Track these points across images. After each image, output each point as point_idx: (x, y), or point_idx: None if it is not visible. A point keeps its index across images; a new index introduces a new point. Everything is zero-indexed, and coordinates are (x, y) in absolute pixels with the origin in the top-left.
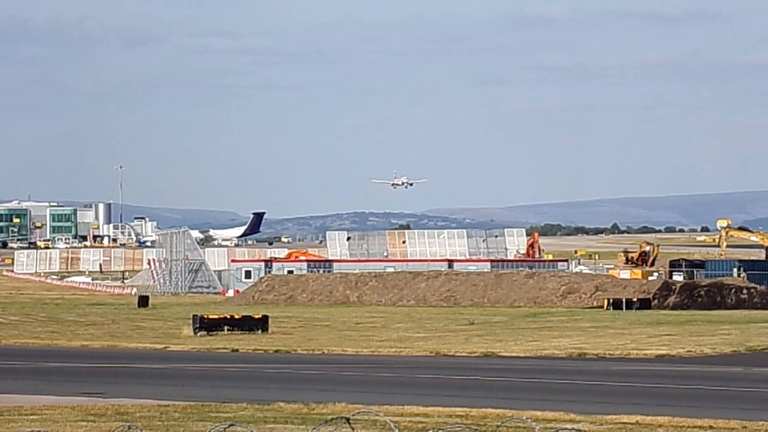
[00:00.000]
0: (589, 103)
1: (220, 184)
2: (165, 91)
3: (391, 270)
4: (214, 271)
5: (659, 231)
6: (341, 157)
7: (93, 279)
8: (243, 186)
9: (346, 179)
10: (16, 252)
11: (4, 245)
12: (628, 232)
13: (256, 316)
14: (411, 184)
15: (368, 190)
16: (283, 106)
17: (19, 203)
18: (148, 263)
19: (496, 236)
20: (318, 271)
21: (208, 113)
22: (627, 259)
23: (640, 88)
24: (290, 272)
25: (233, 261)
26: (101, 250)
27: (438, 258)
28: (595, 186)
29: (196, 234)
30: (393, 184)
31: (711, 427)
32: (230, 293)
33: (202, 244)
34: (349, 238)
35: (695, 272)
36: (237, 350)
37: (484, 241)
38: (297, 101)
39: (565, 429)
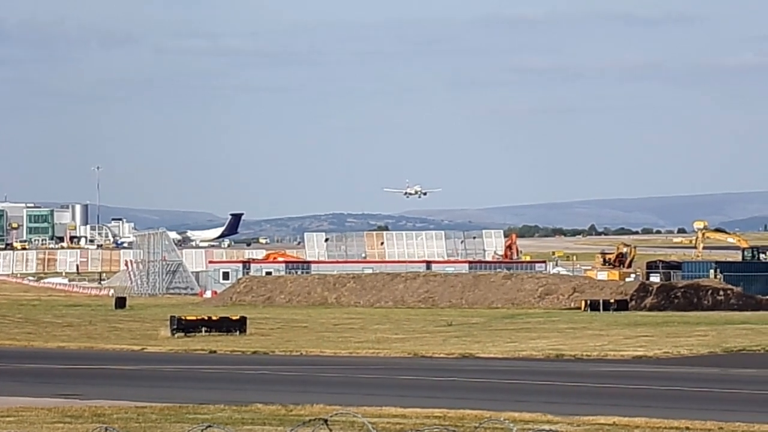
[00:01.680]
0: (568, 104)
1: (197, 185)
2: (143, 92)
3: (370, 271)
4: (192, 272)
5: (636, 232)
6: (319, 158)
7: (70, 280)
8: (221, 187)
9: (324, 180)
10: None
11: None
12: (606, 234)
13: (234, 318)
14: (425, 193)
15: (346, 192)
16: (262, 107)
17: None
18: (126, 264)
19: (474, 238)
20: (296, 272)
21: (186, 114)
22: (604, 261)
23: (618, 90)
24: (268, 273)
25: (211, 262)
26: (78, 251)
27: (416, 259)
28: (573, 188)
29: (173, 235)
30: (406, 193)
31: (688, 428)
32: (208, 294)
33: (180, 245)
34: (327, 240)
35: (672, 273)
36: (215, 351)
37: (462, 242)
38: (276, 102)
39: (543, 430)
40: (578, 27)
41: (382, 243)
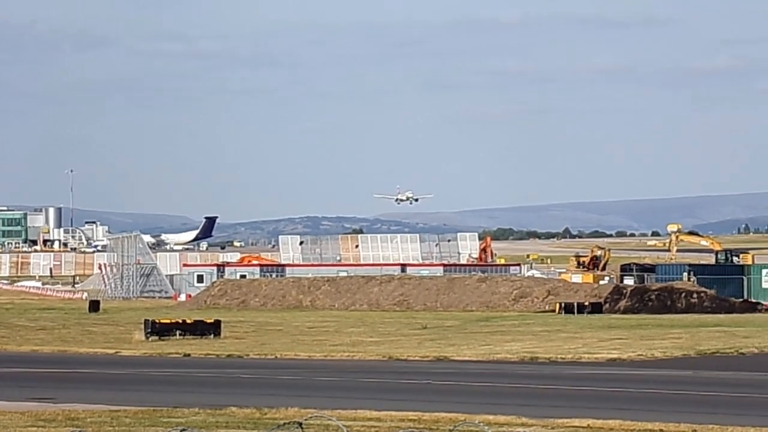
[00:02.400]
0: (541, 107)
1: (172, 189)
2: (117, 95)
3: (344, 274)
4: (166, 275)
5: (610, 235)
6: (294, 161)
7: (43, 283)
8: (195, 190)
9: (299, 183)
10: None
11: None
12: (580, 237)
13: (209, 321)
14: (416, 200)
15: (321, 195)
16: (236, 109)
17: None
18: (99, 268)
19: (449, 240)
20: (271, 275)
21: (160, 117)
22: (579, 264)
23: (591, 93)
24: (243, 277)
25: (185, 265)
26: (52, 254)
27: (391, 262)
28: (547, 191)
29: (147, 238)
30: (397, 200)
31: (662, 431)
32: (182, 298)
33: (154, 249)
34: (301, 243)
35: (646, 276)
36: (189, 355)
37: (436, 245)
38: (250, 105)
39: None
40: (551, 30)
41: (356, 246)
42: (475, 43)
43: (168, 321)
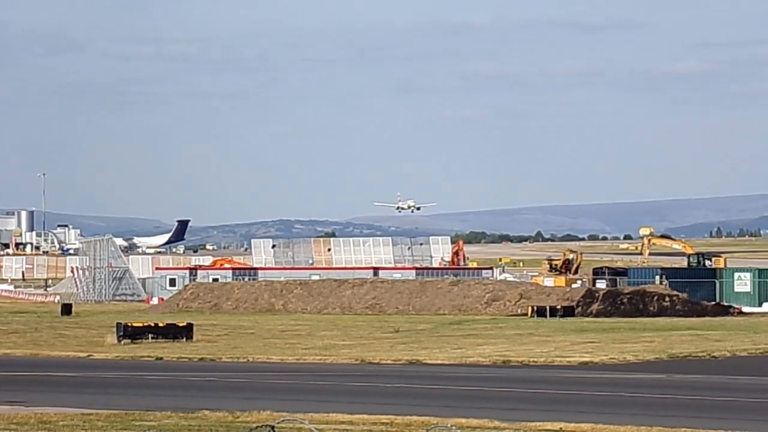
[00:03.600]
0: (514, 111)
1: (144, 192)
2: (89, 98)
3: (317, 278)
4: (138, 278)
5: (582, 239)
6: (266, 164)
7: (15, 287)
8: (167, 193)
9: (271, 187)
10: None
11: None
12: (552, 240)
13: (181, 324)
14: (418, 208)
15: (294, 198)
16: (208, 113)
17: None
18: (72, 271)
19: (421, 244)
20: (243, 278)
21: (132, 120)
22: (551, 267)
23: (563, 97)
24: (215, 280)
25: (157, 269)
26: (24, 257)
27: (363, 266)
28: (520, 194)
29: (119, 242)
30: (398, 208)
31: None
32: (154, 301)
33: (126, 252)
34: (274, 246)
35: (618, 280)
36: (161, 358)
37: (409, 248)
38: (222, 108)
39: None
40: (523, 33)
41: (329, 249)
42: (447, 46)
43: (140, 324)
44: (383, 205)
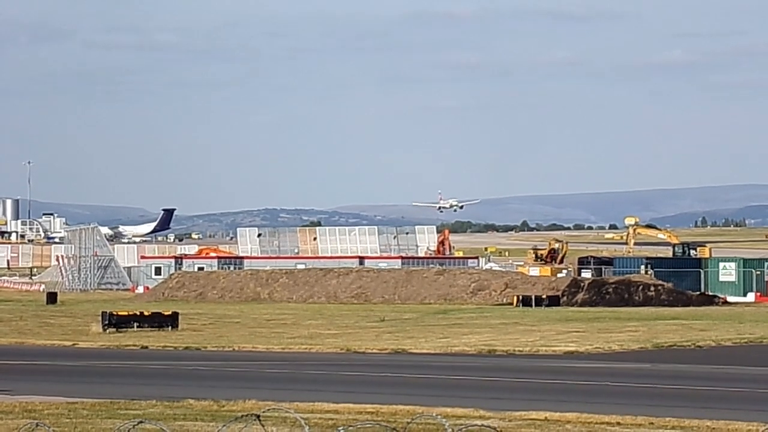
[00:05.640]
0: (498, 101)
1: (129, 181)
2: (73, 87)
3: (302, 267)
4: (124, 267)
5: (568, 228)
6: (251, 153)
7: (0, 275)
8: (152, 182)
9: (257, 176)
10: None
11: None
12: (538, 230)
13: (166, 313)
14: (461, 207)
15: (279, 187)
16: (193, 102)
17: None
18: (57, 260)
19: (407, 233)
20: (228, 267)
21: (117, 109)
22: (536, 257)
23: (547, 87)
24: (200, 269)
25: (143, 257)
26: (9, 246)
27: (349, 255)
28: (505, 184)
29: (105, 230)
30: (440, 208)
31: (619, 423)
32: (140, 290)
33: (112, 241)
34: (259, 235)
35: (603, 269)
36: (146, 347)
37: (394, 238)
38: (207, 97)
39: (475, 425)
40: (507, 23)
41: (314, 238)
42: (432, 36)
43: (125, 313)
44: (424, 204)
